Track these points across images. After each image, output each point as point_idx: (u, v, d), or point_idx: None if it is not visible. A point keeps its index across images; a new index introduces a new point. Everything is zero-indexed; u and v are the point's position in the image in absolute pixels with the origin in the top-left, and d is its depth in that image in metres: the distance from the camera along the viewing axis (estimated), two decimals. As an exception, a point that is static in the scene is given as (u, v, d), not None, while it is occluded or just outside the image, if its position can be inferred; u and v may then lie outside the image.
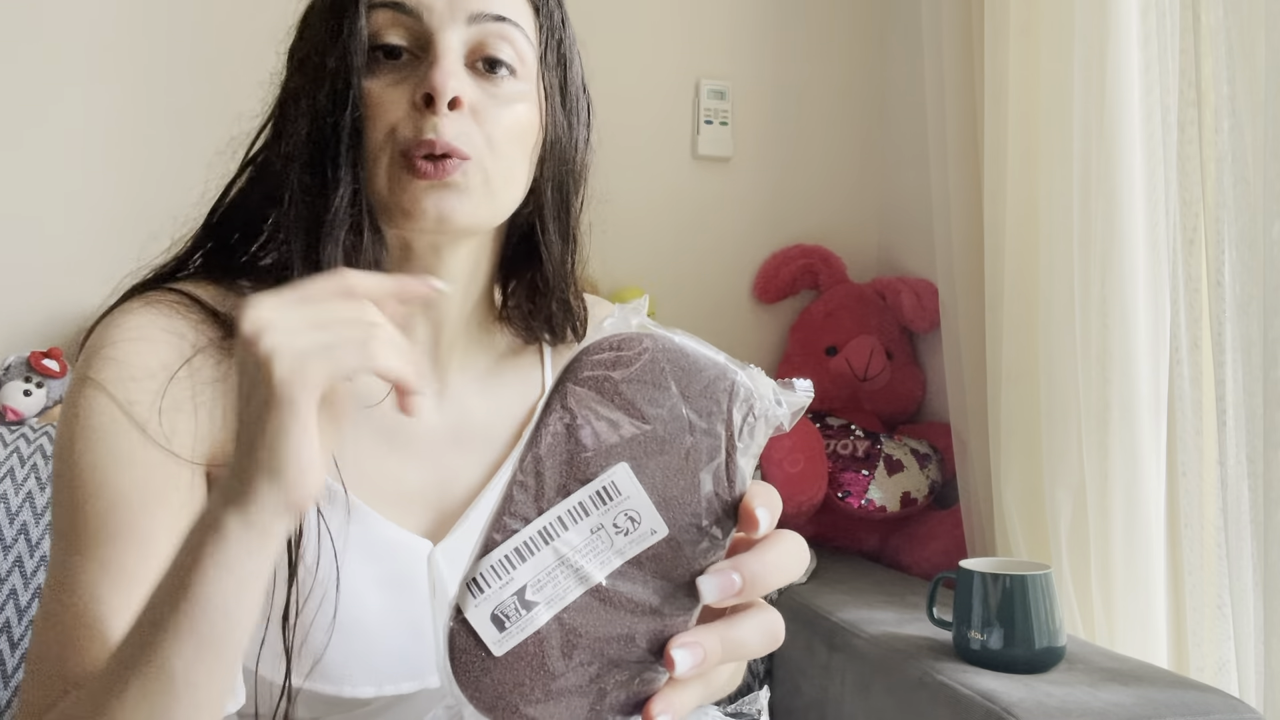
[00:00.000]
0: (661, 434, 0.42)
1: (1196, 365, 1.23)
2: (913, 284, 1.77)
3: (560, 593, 0.41)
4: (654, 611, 0.42)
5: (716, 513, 0.42)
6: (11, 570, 1.27)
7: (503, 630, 0.41)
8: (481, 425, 0.79)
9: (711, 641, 0.42)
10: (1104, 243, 1.26)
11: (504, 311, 0.81)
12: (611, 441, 0.42)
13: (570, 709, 0.41)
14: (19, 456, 1.31)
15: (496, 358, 0.82)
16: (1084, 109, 1.28)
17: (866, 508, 1.61)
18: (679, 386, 0.43)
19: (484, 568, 0.41)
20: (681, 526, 0.42)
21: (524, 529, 0.41)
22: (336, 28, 0.68)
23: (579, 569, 0.41)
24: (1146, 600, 1.24)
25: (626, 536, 0.42)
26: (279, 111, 0.73)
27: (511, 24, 0.70)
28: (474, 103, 0.68)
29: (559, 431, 0.42)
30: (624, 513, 0.42)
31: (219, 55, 1.62)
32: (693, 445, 0.42)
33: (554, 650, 0.41)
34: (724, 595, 0.42)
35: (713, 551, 0.42)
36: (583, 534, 0.41)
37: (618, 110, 1.83)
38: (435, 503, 0.75)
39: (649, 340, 0.43)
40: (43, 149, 1.57)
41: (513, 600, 0.41)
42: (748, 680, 1.51)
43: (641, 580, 0.42)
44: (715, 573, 0.42)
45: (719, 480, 0.42)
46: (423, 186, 0.67)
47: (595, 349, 0.44)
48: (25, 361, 1.47)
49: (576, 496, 0.42)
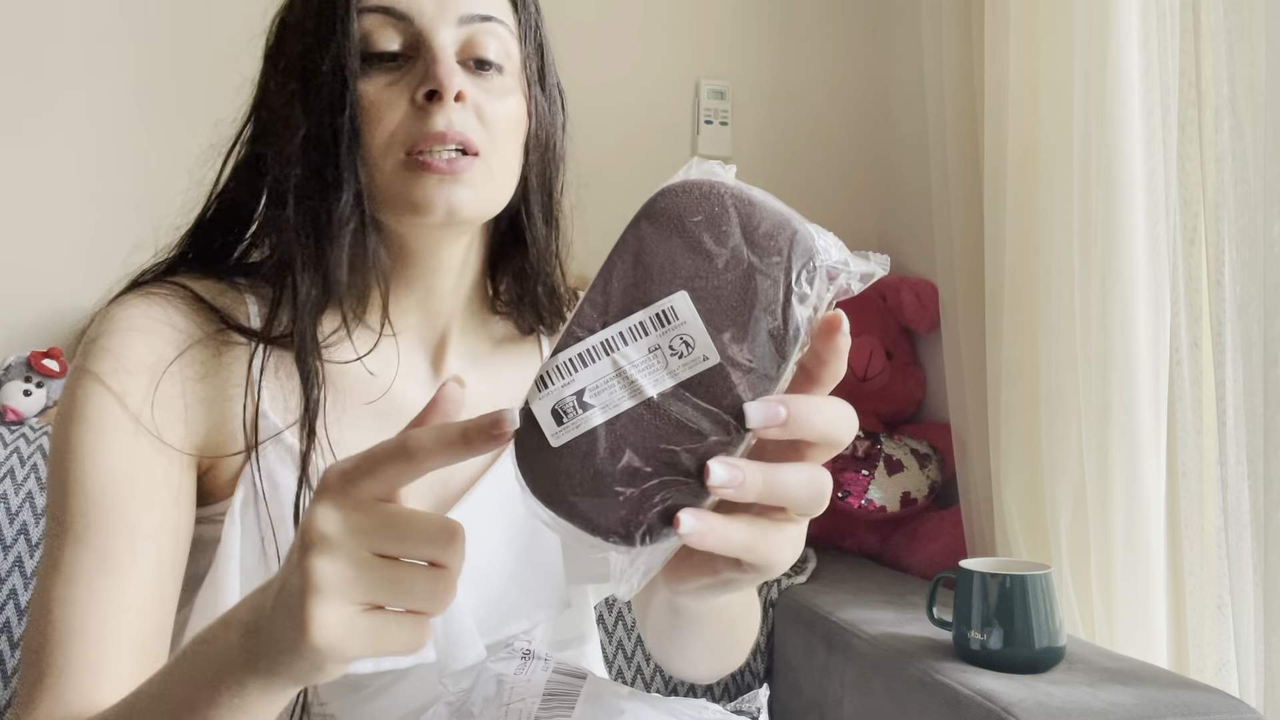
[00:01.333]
0: (722, 269, 0.45)
1: (1196, 365, 1.23)
2: (913, 284, 1.77)
3: (614, 400, 0.45)
4: (699, 433, 0.44)
5: (769, 349, 0.45)
6: (11, 570, 1.27)
7: (560, 424, 0.45)
8: (480, 412, 0.79)
9: (752, 470, 0.43)
10: (1104, 243, 1.26)
11: (497, 302, 0.83)
12: (675, 271, 0.45)
13: (613, 507, 0.44)
14: (19, 456, 1.31)
15: (494, 344, 0.83)
16: (1084, 109, 1.28)
17: (866, 508, 1.61)
18: (743, 229, 0.45)
19: (549, 366, 0.45)
20: (732, 357, 0.44)
21: (588, 338, 0.45)
22: (328, 30, 0.69)
23: (633, 382, 0.44)
24: (1146, 600, 1.24)
25: (681, 359, 0.45)
26: (266, 114, 0.74)
27: (498, 22, 0.72)
28: (474, 100, 0.70)
29: (627, 258, 0.46)
30: (680, 336, 0.45)
31: (220, 56, 1.62)
32: (751, 284, 0.45)
33: (603, 451, 0.44)
34: (768, 421, 0.43)
35: (761, 385, 0.45)
36: (640, 351, 0.45)
37: (618, 110, 1.84)
38: (435, 488, 0.76)
39: (719, 184, 0.46)
40: (43, 149, 1.57)
41: (572, 399, 0.45)
42: (748, 680, 1.51)
43: (691, 403, 0.44)
44: (763, 401, 0.44)
45: (773, 320, 0.45)
46: (434, 181, 0.69)
47: (669, 190, 0.47)
48: (25, 361, 1.47)
49: (637, 316, 0.45)
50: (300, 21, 0.72)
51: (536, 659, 0.68)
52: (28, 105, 1.57)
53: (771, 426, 0.43)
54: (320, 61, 0.69)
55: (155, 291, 0.72)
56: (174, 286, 0.72)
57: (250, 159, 0.75)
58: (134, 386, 0.68)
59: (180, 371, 0.69)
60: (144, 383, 0.68)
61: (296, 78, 0.70)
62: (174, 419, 0.69)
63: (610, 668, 1.45)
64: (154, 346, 0.69)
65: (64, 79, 1.58)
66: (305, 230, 0.70)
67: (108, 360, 0.68)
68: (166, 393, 0.69)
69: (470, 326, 0.81)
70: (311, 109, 0.69)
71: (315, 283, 0.70)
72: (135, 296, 0.71)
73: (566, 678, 0.66)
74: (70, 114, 1.58)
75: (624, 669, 1.45)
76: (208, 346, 0.71)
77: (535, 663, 0.67)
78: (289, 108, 0.70)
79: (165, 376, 0.69)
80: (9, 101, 1.56)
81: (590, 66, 1.80)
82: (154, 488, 0.67)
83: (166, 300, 0.71)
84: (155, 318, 0.70)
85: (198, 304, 0.72)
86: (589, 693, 0.64)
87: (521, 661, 0.67)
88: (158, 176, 1.60)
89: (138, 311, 0.70)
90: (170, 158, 1.64)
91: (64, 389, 0.70)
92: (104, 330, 0.70)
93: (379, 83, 0.70)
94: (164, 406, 0.68)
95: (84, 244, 1.57)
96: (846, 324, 0.45)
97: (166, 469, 0.68)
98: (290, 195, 0.70)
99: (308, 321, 0.70)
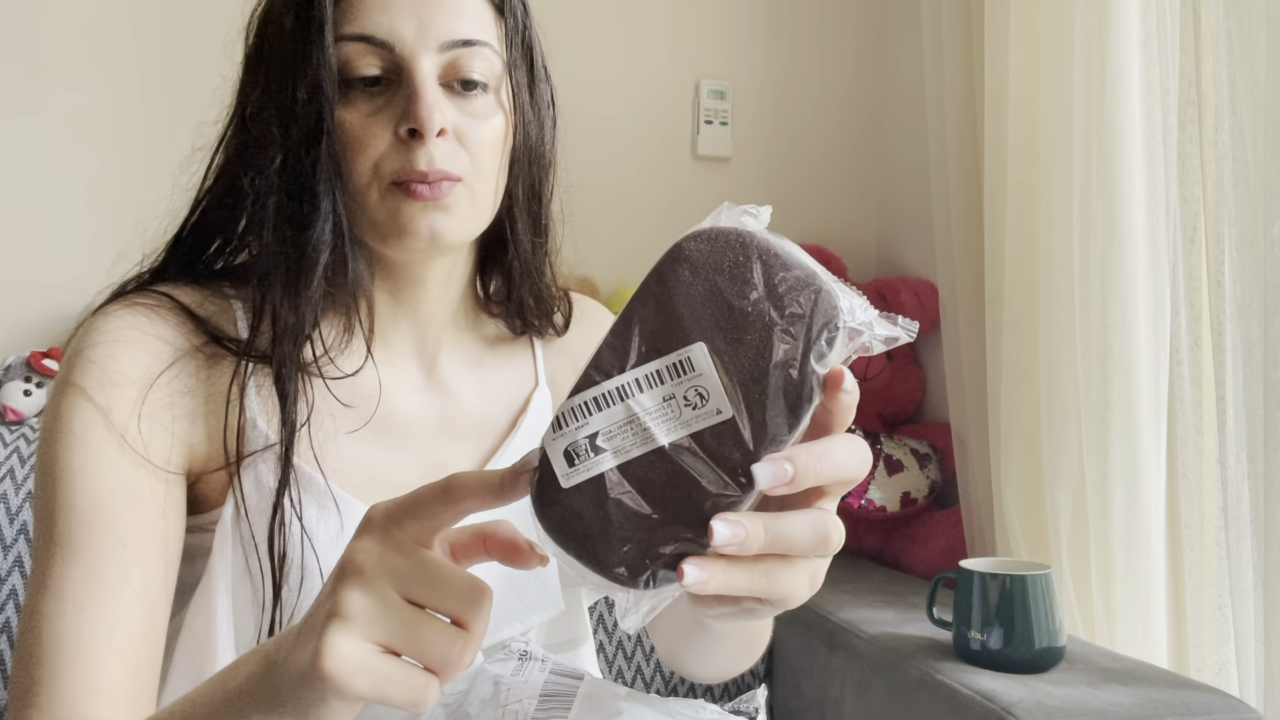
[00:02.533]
0: (742, 324, 0.45)
1: (1196, 365, 1.23)
2: (913, 284, 1.77)
3: (626, 446, 0.45)
4: (707, 485, 0.44)
5: (782, 408, 0.45)
6: (11, 570, 1.27)
7: (572, 466, 0.45)
8: (474, 414, 0.80)
9: (754, 525, 0.43)
10: (1104, 242, 1.26)
11: (489, 303, 0.83)
12: (695, 321, 0.45)
13: (619, 551, 0.45)
14: (19, 456, 1.31)
15: (486, 346, 0.83)
16: (1084, 109, 1.28)
17: (866, 508, 1.61)
18: (766, 284, 0.46)
19: (565, 408, 0.45)
20: (745, 413, 0.45)
21: (604, 382, 0.45)
22: (303, 56, 0.68)
23: (646, 430, 0.45)
24: (1146, 600, 1.24)
25: (694, 410, 0.45)
26: (245, 128, 0.72)
27: (481, 45, 0.71)
28: (456, 126, 0.70)
29: (649, 304, 0.46)
30: (695, 388, 0.45)
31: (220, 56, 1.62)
32: (770, 340, 0.45)
33: (611, 495, 0.45)
34: (776, 481, 0.43)
35: (773, 443, 0.45)
36: (655, 399, 0.45)
37: (618, 110, 1.84)
38: None
39: (747, 235, 0.47)
40: (43, 149, 1.57)
41: (585, 442, 0.45)
42: (747, 680, 1.51)
43: (700, 455, 0.45)
44: (770, 460, 0.44)
45: (789, 378, 0.45)
46: (417, 208, 0.69)
47: (697, 236, 0.47)
48: (25, 361, 1.47)
49: (654, 364, 0.45)
50: (278, 43, 0.70)
51: (534, 660, 0.68)
52: (28, 105, 1.57)
53: (779, 485, 0.44)
54: (297, 90, 0.68)
55: (140, 302, 0.70)
56: (159, 296, 0.71)
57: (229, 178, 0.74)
58: (120, 400, 0.67)
59: (168, 384, 0.68)
60: (131, 396, 0.67)
61: (274, 104, 0.69)
62: (161, 431, 0.68)
63: (610, 668, 1.45)
64: (140, 359, 0.68)
65: (64, 79, 1.58)
66: (284, 260, 0.69)
67: (93, 373, 0.67)
68: (154, 406, 0.68)
69: (463, 328, 0.81)
70: (289, 138, 0.68)
71: (294, 311, 0.69)
72: (120, 306, 0.70)
73: (564, 678, 0.66)
74: (71, 114, 1.58)
75: (624, 669, 1.45)
76: (195, 358, 0.70)
77: (532, 663, 0.67)
78: (266, 134, 0.69)
79: (153, 390, 0.68)
80: (9, 102, 1.56)
81: (590, 66, 1.80)
82: (142, 502, 0.66)
83: (153, 311, 0.70)
84: (141, 329, 0.69)
85: (184, 315, 0.71)
86: (586, 693, 0.64)
87: (519, 662, 0.67)
88: (159, 177, 1.59)
89: (123, 323, 0.69)
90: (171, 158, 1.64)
91: (49, 401, 0.69)
92: (88, 342, 0.68)
93: (362, 111, 0.69)
94: (151, 420, 0.67)
95: (84, 244, 1.57)
96: (850, 380, 0.45)
97: (153, 483, 0.67)
98: (269, 222, 0.69)
99: (287, 347, 0.69)
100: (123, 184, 1.60)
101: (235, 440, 0.69)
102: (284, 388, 0.69)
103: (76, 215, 1.58)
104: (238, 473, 0.69)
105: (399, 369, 0.77)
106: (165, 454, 0.68)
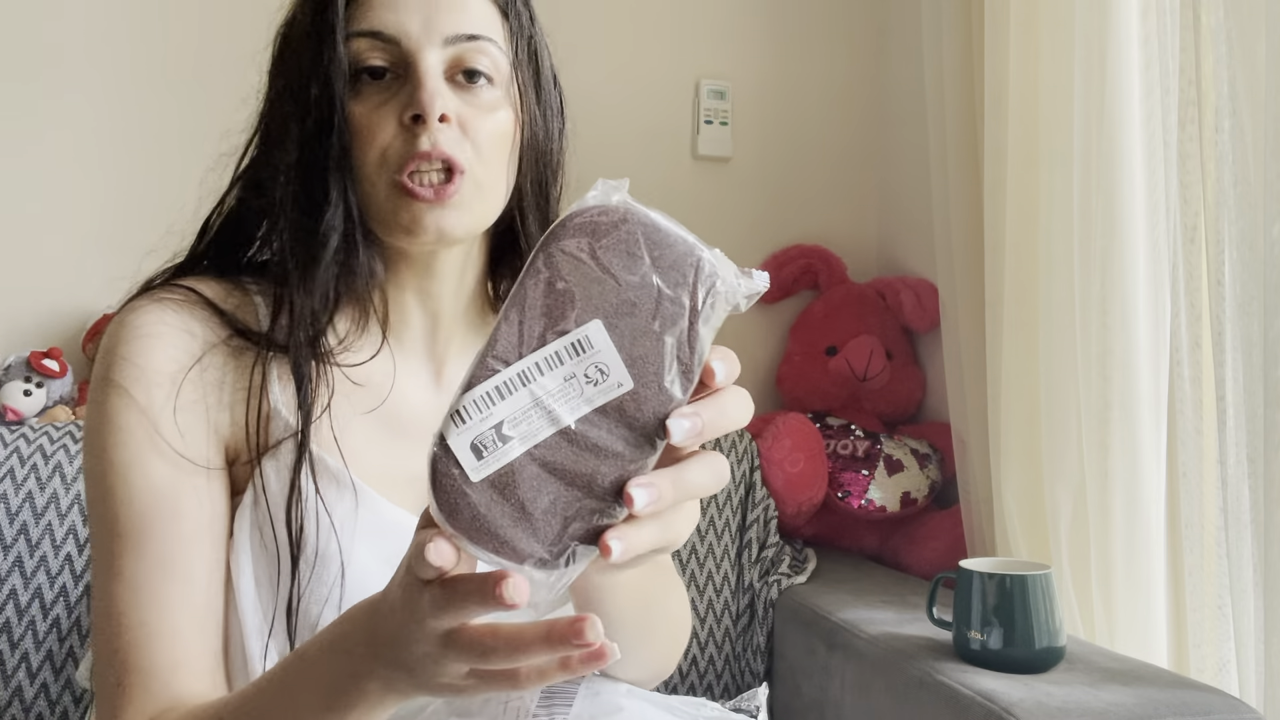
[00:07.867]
0: (633, 298, 0.46)
1: (1196, 365, 1.23)
2: (913, 284, 1.77)
3: (533, 431, 0.45)
4: (616, 456, 0.46)
5: (676, 373, 0.47)
6: (11, 570, 1.27)
7: (480, 459, 0.45)
8: None
9: (665, 482, 0.46)
10: (1104, 242, 1.26)
11: (498, 302, 0.85)
12: (588, 300, 0.46)
13: (536, 535, 0.46)
14: (19, 456, 1.31)
15: None
16: (1084, 109, 1.28)
17: (866, 508, 1.61)
18: (651, 257, 0.47)
19: (466, 401, 0.45)
20: (645, 382, 0.46)
21: (504, 370, 0.46)
22: (317, 54, 0.72)
23: (551, 411, 0.46)
24: (1146, 600, 1.24)
25: (596, 387, 0.46)
26: (266, 130, 0.77)
27: (485, 40, 0.74)
28: (459, 115, 0.72)
29: (540, 286, 0.47)
30: (595, 365, 0.46)
31: (222, 57, 1.62)
32: (660, 311, 0.46)
33: (524, 482, 0.45)
34: (690, 436, 0.46)
35: (674, 405, 0.47)
36: (557, 380, 0.46)
37: (618, 110, 1.84)
38: (422, 495, 0.76)
39: (627, 212, 0.47)
40: (43, 150, 1.57)
41: (490, 433, 0.45)
42: (748, 680, 1.51)
43: (607, 427, 0.46)
44: (681, 416, 0.46)
45: (681, 345, 0.46)
46: (423, 208, 0.71)
47: (578, 215, 0.48)
48: (25, 361, 1.47)
49: (553, 346, 0.46)
50: (295, 46, 0.74)
51: (535, 658, 0.67)
52: (28, 105, 1.57)
53: (691, 438, 0.46)
54: (311, 86, 0.72)
55: (168, 296, 0.74)
56: (185, 291, 0.74)
57: (253, 174, 0.78)
58: (158, 395, 0.70)
59: (200, 376, 0.72)
60: (167, 390, 0.71)
61: (291, 101, 0.73)
62: (197, 421, 0.71)
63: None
64: (171, 354, 0.71)
65: (65, 79, 1.58)
66: (298, 247, 0.73)
67: (130, 370, 0.70)
68: (188, 398, 0.71)
69: (474, 327, 0.83)
70: (304, 131, 0.72)
71: (308, 295, 0.73)
72: (148, 301, 0.73)
73: (565, 676, 0.65)
74: (71, 114, 1.58)
75: (624, 669, 1.45)
76: (222, 351, 0.73)
77: (534, 661, 0.67)
78: (285, 129, 0.73)
79: (186, 382, 0.71)
80: (9, 102, 1.56)
81: (590, 66, 1.80)
82: (194, 491, 0.70)
83: (180, 305, 0.73)
84: (170, 324, 0.72)
85: (209, 308, 0.74)
86: (588, 690, 0.64)
87: (520, 660, 0.67)
88: (158, 177, 1.60)
89: (153, 318, 0.72)
90: (171, 158, 1.64)
91: (91, 397, 0.72)
92: (121, 338, 0.72)
93: (371, 103, 0.72)
94: (187, 411, 0.71)
95: (84, 244, 1.57)
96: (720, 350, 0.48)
97: (194, 470, 0.71)
98: (285, 212, 0.73)
99: (303, 332, 0.73)
100: (124, 185, 1.60)
101: (257, 427, 0.72)
102: (300, 370, 0.72)
103: (77, 216, 1.58)
104: (258, 459, 0.72)
105: (409, 366, 0.79)
106: (204, 443, 0.72)
